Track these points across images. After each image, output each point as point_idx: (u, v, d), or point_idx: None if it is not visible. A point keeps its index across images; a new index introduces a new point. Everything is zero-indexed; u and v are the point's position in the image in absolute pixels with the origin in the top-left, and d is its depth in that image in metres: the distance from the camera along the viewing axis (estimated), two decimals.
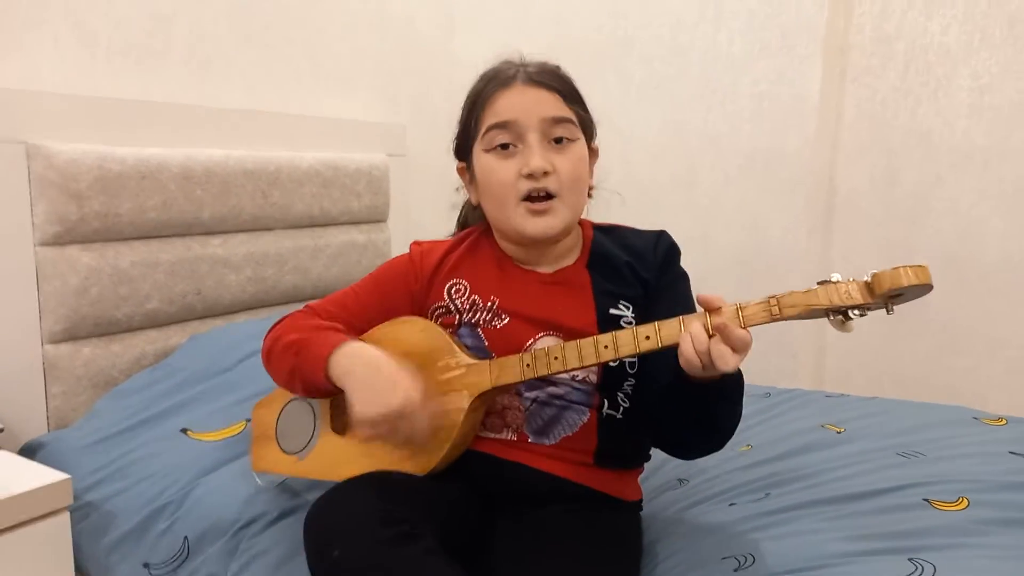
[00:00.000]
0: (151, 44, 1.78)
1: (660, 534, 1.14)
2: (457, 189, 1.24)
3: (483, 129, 1.09)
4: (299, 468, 1.16)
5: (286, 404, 1.20)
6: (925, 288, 0.85)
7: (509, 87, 1.08)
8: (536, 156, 1.05)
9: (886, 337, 2.25)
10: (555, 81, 1.09)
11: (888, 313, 0.89)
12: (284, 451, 1.18)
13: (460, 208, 1.29)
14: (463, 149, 1.16)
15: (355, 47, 2.30)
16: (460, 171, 1.19)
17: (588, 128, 1.14)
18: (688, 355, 0.89)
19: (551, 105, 1.07)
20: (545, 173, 1.06)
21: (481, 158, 1.10)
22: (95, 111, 1.62)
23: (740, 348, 0.87)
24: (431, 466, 1.03)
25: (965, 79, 2.07)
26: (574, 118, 1.09)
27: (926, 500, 1.14)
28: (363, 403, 0.97)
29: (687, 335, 0.89)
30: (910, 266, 0.84)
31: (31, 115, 1.51)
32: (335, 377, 1.01)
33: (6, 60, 1.54)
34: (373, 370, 1.00)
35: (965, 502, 1.13)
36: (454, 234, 1.27)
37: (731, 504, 1.22)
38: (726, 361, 0.87)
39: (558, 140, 1.08)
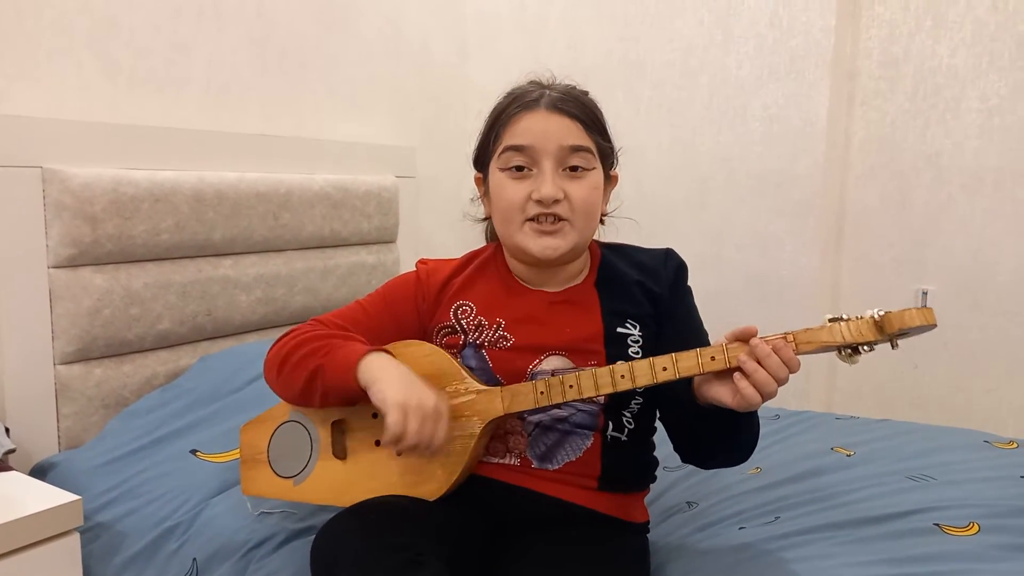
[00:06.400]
0: (171, 73, 1.81)
1: (669, 557, 1.13)
2: (472, 200, 1.24)
3: (500, 148, 1.09)
4: (295, 493, 1.13)
5: (278, 426, 1.17)
6: (929, 327, 0.90)
7: (532, 111, 1.07)
8: (548, 184, 1.05)
9: (898, 359, 2.24)
10: (578, 109, 1.08)
11: (893, 348, 0.94)
12: (278, 475, 1.16)
13: (487, 220, 1.26)
14: (481, 161, 1.16)
15: (369, 73, 2.33)
16: (477, 181, 1.19)
17: (607, 156, 1.13)
18: (744, 390, 0.92)
19: (570, 133, 1.07)
20: (556, 201, 1.06)
21: (496, 175, 1.11)
22: (110, 136, 1.64)
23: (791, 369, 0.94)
24: (442, 491, 1.03)
25: (974, 101, 2.08)
26: (592, 147, 1.09)
27: (937, 525, 1.13)
28: (398, 392, 0.97)
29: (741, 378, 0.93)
30: (916, 308, 0.89)
31: (47, 141, 1.54)
32: (365, 379, 1.00)
33: (31, 88, 1.57)
34: (407, 374, 1.00)
35: (976, 527, 1.12)
36: (487, 241, 1.27)
37: (740, 527, 1.22)
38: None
39: (573, 168, 1.07)
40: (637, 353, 1.09)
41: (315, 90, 2.17)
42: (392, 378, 0.99)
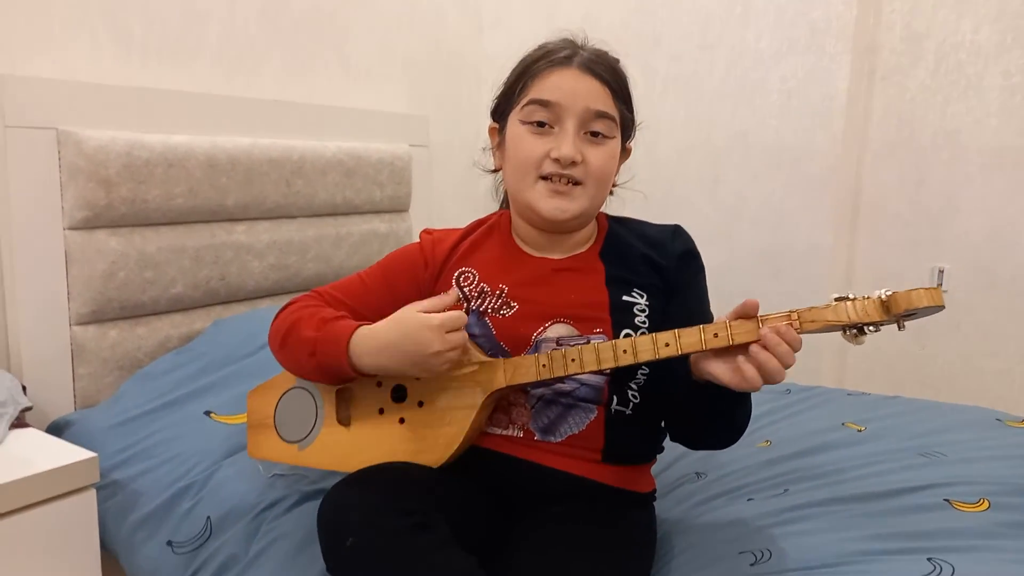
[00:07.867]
0: (185, 41, 1.81)
1: (676, 527, 1.14)
2: (484, 149, 1.23)
3: (525, 100, 1.08)
4: (300, 458, 1.15)
5: (285, 392, 1.19)
6: (937, 309, 0.88)
7: (563, 67, 1.06)
8: (568, 144, 1.05)
9: (910, 338, 2.23)
10: (609, 74, 1.07)
11: (899, 329, 0.92)
12: (284, 440, 1.17)
13: (496, 172, 1.25)
14: (500, 111, 1.15)
15: (383, 43, 2.31)
16: (491, 131, 1.18)
17: (628, 128, 1.13)
18: (748, 373, 0.90)
19: (598, 98, 1.06)
20: (574, 163, 1.05)
21: (515, 126, 1.09)
22: (125, 100, 1.64)
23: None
24: (443, 460, 1.04)
25: (996, 78, 2.05)
26: (616, 116, 1.08)
27: (947, 501, 1.13)
28: (423, 363, 0.99)
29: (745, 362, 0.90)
30: (923, 288, 0.87)
31: (63, 103, 1.54)
32: (366, 367, 1.03)
33: (45, 56, 1.57)
34: (396, 338, 1.00)
35: (986, 504, 1.12)
36: (500, 207, 1.27)
37: (749, 499, 1.22)
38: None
39: (595, 133, 1.07)
40: (644, 323, 1.08)
41: (329, 59, 2.16)
42: (396, 356, 1.00)
